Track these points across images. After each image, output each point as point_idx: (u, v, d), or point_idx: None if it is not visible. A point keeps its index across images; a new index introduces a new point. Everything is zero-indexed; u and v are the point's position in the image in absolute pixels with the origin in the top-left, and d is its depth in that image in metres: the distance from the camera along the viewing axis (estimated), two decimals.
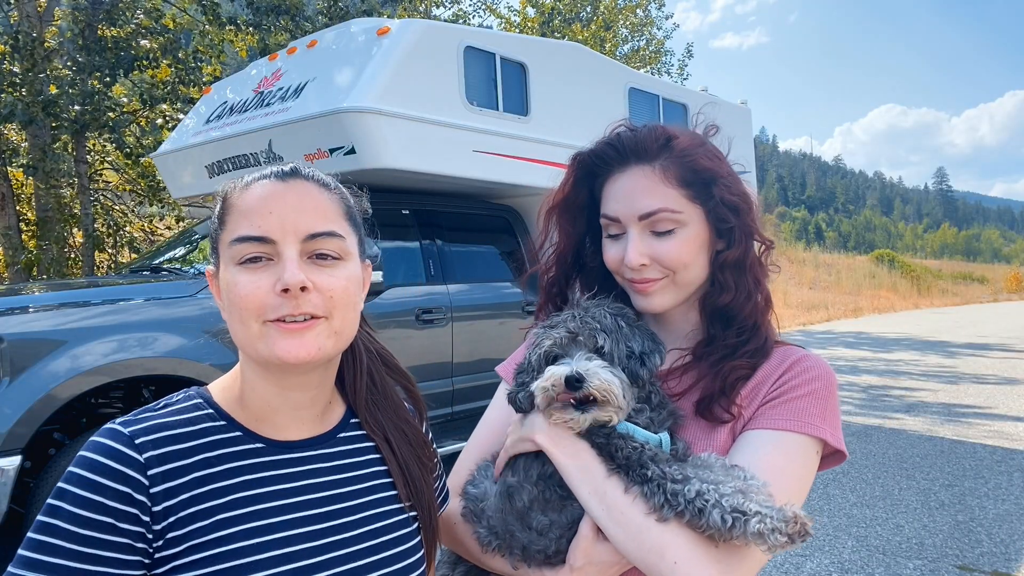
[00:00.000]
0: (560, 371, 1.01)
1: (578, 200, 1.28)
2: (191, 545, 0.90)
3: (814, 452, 1.11)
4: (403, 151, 4.73)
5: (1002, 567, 4.05)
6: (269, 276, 0.93)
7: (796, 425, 1.09)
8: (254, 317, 0.94)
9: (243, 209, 0.96)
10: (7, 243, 9.98)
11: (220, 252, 0.99)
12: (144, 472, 0.90)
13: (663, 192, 1.14)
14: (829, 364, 1.19)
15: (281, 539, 0.95)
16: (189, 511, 0.91)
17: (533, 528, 1.09)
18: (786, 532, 0.92)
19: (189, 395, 1.03)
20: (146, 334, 3.69)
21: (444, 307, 5.02)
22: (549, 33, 18.86)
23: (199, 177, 5.90)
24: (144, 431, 0.93)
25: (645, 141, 1.17)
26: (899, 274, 38.63)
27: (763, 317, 1.20)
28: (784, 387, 1.13)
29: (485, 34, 5.89)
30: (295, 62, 5.55)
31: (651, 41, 22.77)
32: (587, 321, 1.07)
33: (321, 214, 0.98)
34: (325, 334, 0.96)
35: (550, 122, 5.73)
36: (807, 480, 1.10)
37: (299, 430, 1.05)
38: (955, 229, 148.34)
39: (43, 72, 8.87)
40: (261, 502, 0.96)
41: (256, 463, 0.98)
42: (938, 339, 16.61)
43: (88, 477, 0.88)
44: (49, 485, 3.35)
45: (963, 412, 8.26)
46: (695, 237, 1.17)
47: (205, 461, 0.95)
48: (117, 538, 0.86)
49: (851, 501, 5.18)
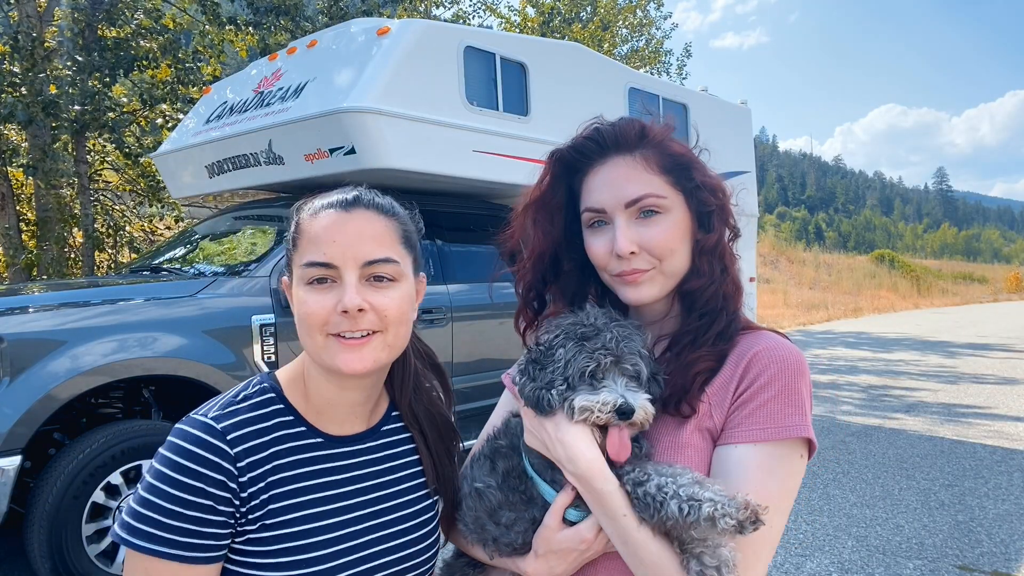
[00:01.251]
0: (612, 399, 1.05)
1: (556, 198, 1.27)
2: (264, 524, 1.08)
3: (798, 455, 1.10)
4: (403, 151, 4.73)
5: (1002, 567, 4.05)
6: (332, 297, 1.10)
7: (773, 433, 1.08)
8: (318, 330, 1.10)
9: (311, 236, 1.12)
10: (7, 243, 9.97)
11: (293, 270, 1.16)
12: (235, 464, 1.07)
13: (647, 178, 1.17)
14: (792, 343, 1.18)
15: (331, 524, 1.13)
16: (265, 496, 1.09)
17: (502, 524, 1.16)
18: (736, 517, 0.95)
19: (263, 388, 1.18)
20: (146, 334, 3.68)
21: (444, 307, 5.02)
22: (549, 33, 18.86)
23: (199, 177, 5.90)
24: (233, 427, 1.10)
25: (624, 132, 1.20)
26: (899, 274, 38.64)
27: (730, 302, 1.20)
28: (752, 388, 1.11)
29: (485, 34, 5.89)
30: (295, 62, 5.55)
31: (650, 41, 22.76)
32: (630, 346, 1.09)
33: (378, 242, 1.13)
34: (380, 347, 1.13)
35: (550, 122, 5.73)
36: (794, 483, 1.10)
37: (352, 425, 1.22)
38: (955, 229, 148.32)
39: (43, 72, 8.87)
40: (317, 491, 1.14)
41: (316, 456, 1.16)
42: (938, 339, 16.61)
43: (190, 467, 1.04)
44: (49, 485, 3.35)
45: (963, 412, 8.26)
46: (680, 223, 1.18)
47: (277, 453, 1.12)
48: (215, 516, 1.05)
49: (851, 501, 5.18)
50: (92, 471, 3.43)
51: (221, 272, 4.47)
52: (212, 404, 1.14)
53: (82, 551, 3.41)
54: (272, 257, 4.36)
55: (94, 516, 3.48)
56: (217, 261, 4.95)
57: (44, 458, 3.62)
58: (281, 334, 4.07)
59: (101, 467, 3.46)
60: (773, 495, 1.05)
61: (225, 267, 4.62)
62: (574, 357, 1.08)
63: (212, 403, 1.14)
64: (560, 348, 1.10)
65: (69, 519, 3.36)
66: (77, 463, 3.39)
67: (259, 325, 4.01)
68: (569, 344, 1.09)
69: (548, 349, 1.12)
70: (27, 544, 3.36)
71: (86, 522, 3.43)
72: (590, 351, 1.07)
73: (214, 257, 5.07)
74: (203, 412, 1.11)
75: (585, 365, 1.07)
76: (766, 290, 26.11)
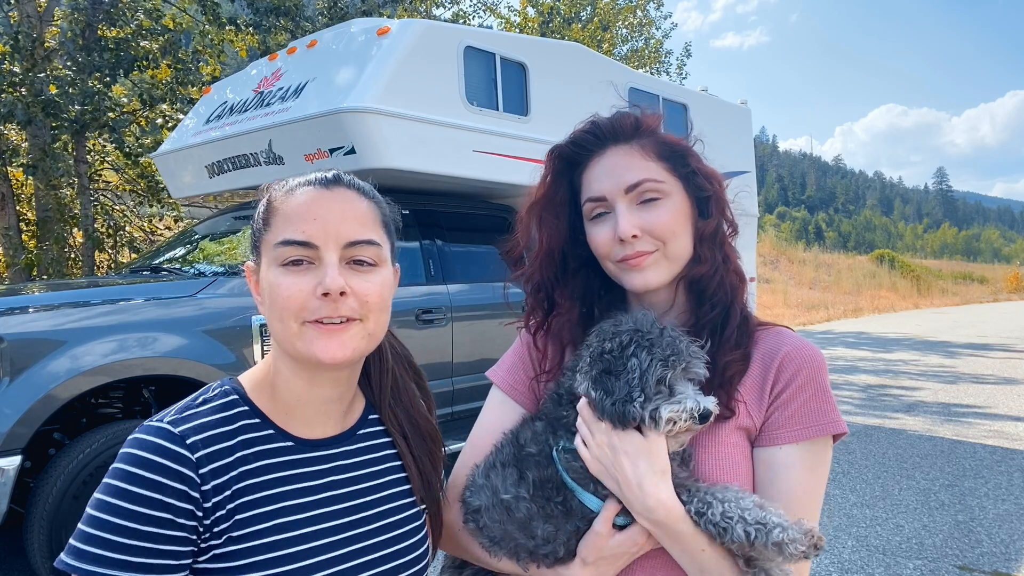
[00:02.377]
0: (692, 406, 1.05)
1: (559, 195, 1.28)
2: (230, 537, 0.97)
3: (830, 446, 1.17)
4: (403, 151, 4.73)
5: (1002, 567, 4.05)
6: (310, 279, 1.00)
7: (816, 430, 1.13)
8: (293, 317, 1.00)
9: (288, 213, 1.03)
10: (7, 243, 9.97)
11: (262, 251, 1.05)
12: (196, 471, 0.96)
13: (645, 164, 1.18)
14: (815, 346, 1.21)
15: (306, 534, 1.02)
16: (230, 506, 0.98)
17: (538, 536, 1.11)
18: (804, 543, 0.98)
19: (225, 390, 1.08)
20: (146, 334, 3.68)
21: (444, 307, 5.02)
22: (549, 33, 18.86)
23: (199, 177, 5.90)
24: (193, 431, 0.99)
25: (620, 123, 1.22)
26: (899, 274, 38.62)
27: (737, 293, 1.22)
28: (791, 389, 1.14)
29: (485, 34, 5.89)
30: (295, 62, 5.55)
31: (649, 41, 22.76)
32: (694, 352, 1.09)
33: (360, 222, 1.05)
34: (360, 335, 1.04)
35: (550, 122, 5.73)
36: (827, 473, 1.17)
37: (324, 427, 1.11)
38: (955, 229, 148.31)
39: (43, 72, 8.87)
40: (288, 499, 1.03)
41: (285, 461, 1.05)
42: (938, 339, 16.60)
43: (147, 476, 0.93)
44: (49, 485, 3.35)
45: (963, 412, 8.26)
46: (680, 208, 1.19)
47: (242, 459, 1.01)
48: (175, 532, 0.93)
49: (851, 501, 5.18)
50: (92, 471, 3.43)
51: (221, 272, 4.47)
52: (169, 410, 1.03)
53: None
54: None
55: None
56: (217, 261, 4.95)
57: (44, 458, 3.62)
58: None
59: (101, 467, 3.46)
60: (816, 489, 1.13)
61: (225, 267, 4.62)
62: (650, 367, 1.05)
63: (169, 409, 1.03)
64: (633, 358, 1.07)
65: (69, 519, 3.36)
66: (77, 463, 3.40)
67: (259, 325, 4.01)
68: (642, 354, 1.06)
69: (619, 358, 1.08)
70: (27, 544, 3.36)
71: None
72: (662, 358, 1.06)
73: (214, 257, 5.07)
74: (159, 418, 1.00)
75: (663, 373, 1.05)
76: (766, 290, 26.11)
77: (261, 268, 1.06)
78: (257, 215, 1.08)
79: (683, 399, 1.05)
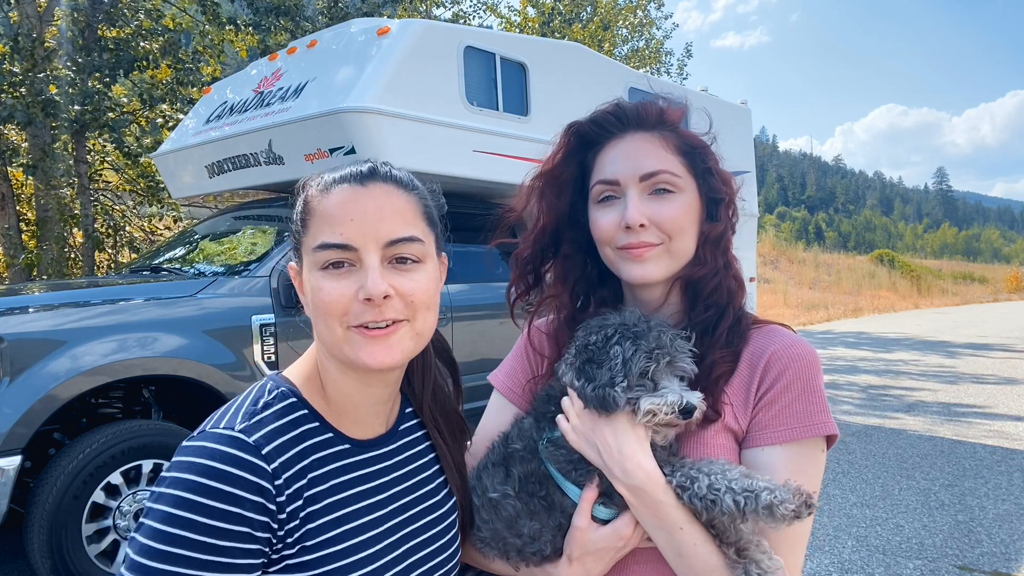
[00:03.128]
0: (675, 400, 1.04)
1: (566, 172, 1.25)
2: (303, 547, 0.94)
3: (820, 450, 1.12)
4: (403, 151, 4.73)
5: (1002, 567, 4.05)
6: (352, 283, 0.96)
7: (800, 432, 1.09)
8: (338, 322, 0.97)
9: (324, 215, 0.99)
10: (7, 243, 9.97)
11: (303, 254, 1.02)
12: (272, 481, 0.92)
13: (664, 156, 1.16)
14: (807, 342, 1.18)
15: (370, 537, 1.01)
16: (303, 514, 0.95)
17: (524, 534, 1.12)
18: (793, 503, 0.97)
19: (283, 392, 1.03)
20: (146, 334, 3.68)
21: (444, 307, 5.01)
22: (549, 33, 18.86)
23: (199, 177, 5.90)
24: (265, 439, 0.94)
25: (645, 110, 1.20)
26: (899, 274, 38.61)
27: (735, 298, 1.20)
28: (775, 389, 1.11)
29: (485, 34, 5.89)
30: (295, 62, 5.55)
31: (650, 41, 22.76)
32: (681, 347, 1.08)
33: (401, 218, 1.00)
34: (408, 336, 1.00)
35: (550, 122, 5.69)
36: (820, 478, 1.13)
37: (374, 426, 1.10)
38: (955, 229, 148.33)
39: (43, 72, 8.87)
40: (353, 503, 1.01)
41: (346, 464, 1.03)
42: (938, 339, 16.60)
43: (223, 489, 0.88)
44: (49, 485, 3.35)
45: (963, 412, 8.26)
46: (691, 206, 1.17)
47: (310, 465, 0.98)
48: (252, 545, 0.89)
49: (851, 501, 5.17)
50: (92, 471, 3.43)
51: (221, 272, 4.47)
52: (229, 414, 0.97)
53: (82, 551, 3.41)
54: (272, 257, 4.36)
55: (94, 516, 3.48)
56: (217, 261, 4.95)
57: (44, 458, 3.62)
58: (281, 334, 4.07)
59: (101, 467, 3.46)
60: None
61: (225, 267, 4.62)
62: (633, 356, 1.06)
63: (228, 413, 0.98)
64: (616, 347, 1.08)
65: (69, 519, 3.36)
66: (77, 463, 3.40)
67: (259, 325, 4.01)
68: (626, 343, 1.07)
69: (603, 348, 1.09)
70: (27, 544, 3.36)
71: (86, 522, 3.44)
72: (647, 350, 1.06)
73: (214, 257, 5.07)
74: (225, 424, 0.94)
75: (646, 366, 1.05)
76: (766, 290, 26.10)
77: (303, 271, 1.03)
78: (295, 215, 1.04)
79: (665, 392, 1.05)
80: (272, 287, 4.12)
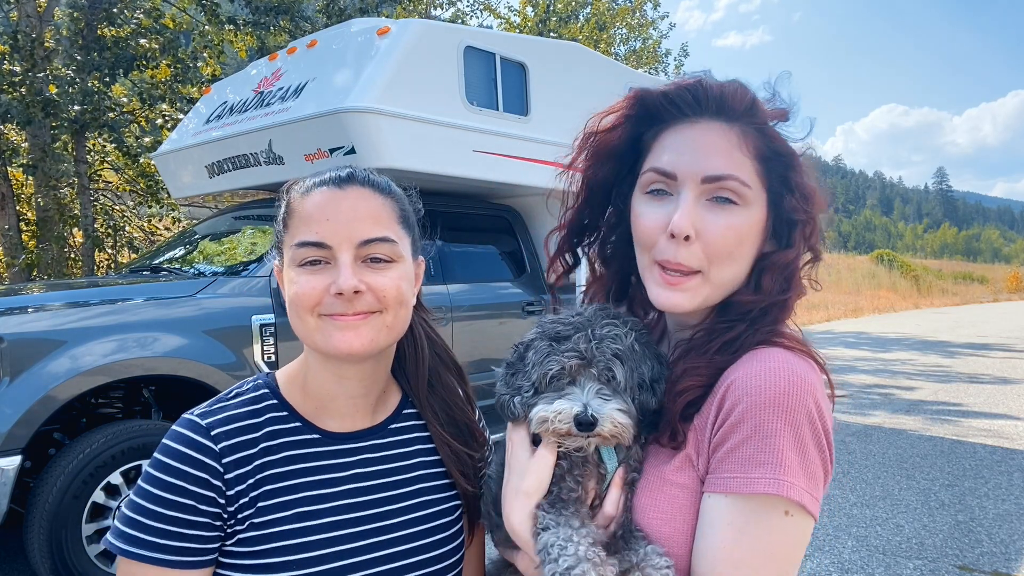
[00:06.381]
0: (570, 408, 0.91)
1: (620, 141, 1.07)
2: (252, 523, 1.02)
3: (779, 511, 0.87)
4: (403, 151, 4.72)
5: (1002, 567, 4.05)
6: (325, 278, 1.03)
7: (737, 484, 0.88)
8: (309, 312, 1.04)
9: (303, 215, 1.06)
10: (7, 243, 9.97)
11: (284, 252, 1.09)
12: (219, 460, 1.02)
13: (738, 159, 0.97)
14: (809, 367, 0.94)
15: (327, 523, 1.06)
16: (254, 493, 1.03)
17: (496, 514, 1.10)
18: None
19: (258, 384, 1.13)
20: (146, 334, 3.68)
21: (444, 307, 5.02)
22: (546, 33, 18.85)
23: (199, 177, 5.90)
24: (219, 422, 1.05)
25: (731, 97, 0.99)
26: (899, 274, 38.60)
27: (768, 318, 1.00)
28: (725, 426, 0.91)
29: (485, 34, 5.89)
30: (295, 62, 5.55)
31: (647, 41, 22.74)
32: (603, 347, 0.94)
33: (375, 220, 1.06)
34: (378, 327, 1.05)
35: (550, 122, 5.72)
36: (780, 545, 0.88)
37: (353, 420, 1.15)
38: (955, 229, 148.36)
39: (43, 72, 8.87)
40: (310, 489, 1.07)
41: (310, 453, 1.09)
42: (938, 339, 16.60)
43: (171, 464, 1.01)
44: (49, 485, 3.35)
45: (963, 412, 8.26)
46: (753, 225, 0.98)
47: (266, 450, 1.06)
48: (197, 517, 1.00)
49: (851, 501, 5.17)
50: (92, 471, 3.43)
51: (221, 272, 4.47)
52: (205, 403, 1.10)
53: (82, 551, 3.41)
54: (272, 257, 4.36)
55: (94, 516, 3.48)
56: (217, 261, 4.95)
57: (44, 458, 3.62)
58: (281, 334, 4.06)
59: (101, 467, 3.46)
60: (746, 557, 0.87)
61: (225, 267, 4.62)
62: (541, 360, 0.96)
63: (206, 402, 1.10)
64: (531, 350, 0.99)
65: (69, 519, 3.36)
66: (77, 463, 3.39)
67: (259, 325, 4.01)
68: (541, 345, 0.98)
69: (524, 351, 1.02)
70: (27, 544, 3.36)
71: (86, 522, 3.43)
72: (558, 353, 0.95)
73: (214, 257, 5.07)
74: (192, 411, 1.07)
75: (549, 368, 0.94)
76: None
77: (284, 268, 1.09)
78: (279, 216, 1.11)
79: (562, 399, 0.92)
80: (272, 287, 4.12)
